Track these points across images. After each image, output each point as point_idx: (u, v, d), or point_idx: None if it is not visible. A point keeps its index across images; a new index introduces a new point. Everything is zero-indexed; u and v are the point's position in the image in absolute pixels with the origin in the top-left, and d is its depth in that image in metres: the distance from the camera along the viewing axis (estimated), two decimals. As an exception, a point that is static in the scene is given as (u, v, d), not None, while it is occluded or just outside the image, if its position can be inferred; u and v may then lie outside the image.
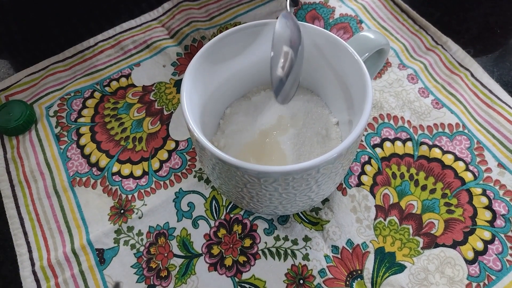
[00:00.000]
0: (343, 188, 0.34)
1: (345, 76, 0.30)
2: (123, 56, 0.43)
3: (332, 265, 0.31)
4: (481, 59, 0.40)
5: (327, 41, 0.30)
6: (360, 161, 0.35)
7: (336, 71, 0.31)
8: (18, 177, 0.36)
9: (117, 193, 0.35)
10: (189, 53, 0.43)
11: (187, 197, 0.34)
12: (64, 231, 0.33)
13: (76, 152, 0.37)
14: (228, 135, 0.32)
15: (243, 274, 0.31)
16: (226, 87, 0.33)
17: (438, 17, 0.44)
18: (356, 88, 0.29)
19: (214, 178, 0.29)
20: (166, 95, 0.40)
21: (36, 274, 0.32)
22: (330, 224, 0.33)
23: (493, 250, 0.31)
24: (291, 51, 0.28)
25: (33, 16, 0.46)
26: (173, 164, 0.36)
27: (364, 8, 0.45)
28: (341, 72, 0.30)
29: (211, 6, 0.46)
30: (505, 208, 0.33)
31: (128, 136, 0.38)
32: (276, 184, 0.25)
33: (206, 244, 0.32)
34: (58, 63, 0.42)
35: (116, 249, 0.32)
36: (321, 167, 0.24)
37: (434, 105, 0.38)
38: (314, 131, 0.32)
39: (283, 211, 0.30)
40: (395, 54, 0.41)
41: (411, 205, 0.33)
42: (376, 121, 0.37)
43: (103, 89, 0.41)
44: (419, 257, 0.31)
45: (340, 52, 0.29)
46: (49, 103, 0.40)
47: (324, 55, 0.31)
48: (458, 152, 0.35)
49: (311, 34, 0.30)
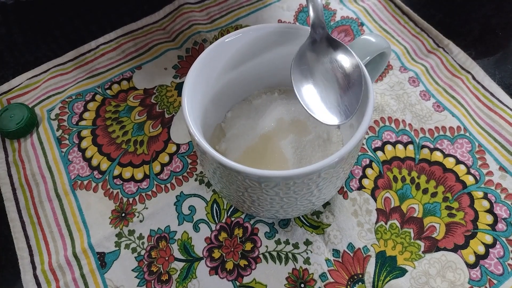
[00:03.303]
0: (344, 191, 0.34)
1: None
2: (125, 59, 0.43)
3: (333, 269, 0.31)
4: (482, 62, 0.40)
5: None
6: (361, 164, 0.35)
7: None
8: (19, 180, 0.36)
9: (118, 197, 0.35)
10: (190, 56, 0.43)
11: (188, 200, 0.34)
12: (65, 235, 0.33)
13: (77, 155, 0.37)
14: (229, 139, 0.32)
15: (244, 278, 0.31)
16: (227, 91, 0.33)
17: (439, 20, 0.43)
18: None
19: (215, 182, 0.29)
20: (167, 98, 0.40)
21: (37, 277, 0.32)
22: (331, 228, 0.33)
23: (495, 254, 0.31)
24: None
25: (34, 18, 0.46)
26: (174, 168, 0.36)
27: (365, 10, 0.45)
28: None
29: (212, 8, 0.46)
30: (506, 212, 0.33)
31: (129, 139, 0.38)
32: (277, 189, 0.25)
33: (207, 248, 0.32)
34: (59, 66, 0.42)
35: (117, 252, 0.32)
36: (323, 171, 0.24)
37: (435, 108, 0.38)
38: (315, 134, 0.32)
39: (284, 215, 0.31)
40: (397, 56, 0.41)
41: (412, 208, 0.33)
42: (377, 124, 0.37)
43: (104, 92, 0.41)
44: (420, 261, 0.31)
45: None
46: (50, 106, 0.40)
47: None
48: (459, 156, 0.35)
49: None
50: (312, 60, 0.28)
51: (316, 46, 0.28)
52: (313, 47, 0.28)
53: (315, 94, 0.27)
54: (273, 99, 0.34)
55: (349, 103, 0.26)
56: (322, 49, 0.28)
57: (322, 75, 0.28)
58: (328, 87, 0.27)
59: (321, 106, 0.27)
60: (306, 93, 0.27)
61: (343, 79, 0.27)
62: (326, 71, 0.28)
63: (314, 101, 0.27)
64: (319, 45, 0.28)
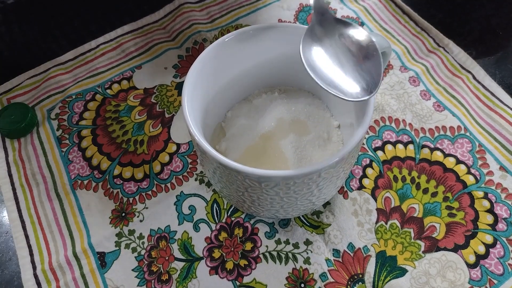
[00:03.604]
0: (344, 191, 0.34)
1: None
2: (125, 58, 0.43)
3: (333, 269, 0.31)
4: (483, 61, 0.40)
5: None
6: (361, 164, 0.35)
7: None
8: (19, 180, 0.36)
9: (118, 196, 0.35)
10: (190, 55, 0.43)
11: (188, 200, 0.34)
12: (65, 234, 0.33)
13: (77, 155, 0.37)
14: (229, 138, 0.32)
15: (244, 278, 0.31)
16: (227, 90, 0.33)
17: (439, 19, 0.43)
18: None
19: (215, 182, 0.29)
20: (168, 98, 0.40)
21: (37, 277, 0.32)
22: (331, 228, 0.33)
23: (495, 254, 0.31)
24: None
25: (34, 18, 0.46)
26: (174, 167, 0.36)
27: (365, 10, 0.45)
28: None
29: (213, 8, 0.46)
30: (507, 212, 0.33)
31: (130, 139, 0.38)
32: (277, 189, 0.25)
33: (207, 248, 0.32)
34: (59, 65, 0.42)
35: (117, 252, 0.32)
36: (323, 171, 0.24)
37: (435, 107, 0.38)
38: (316, 134, 0.32)
39: (284, 215, 0.30)
40: (397, 56, 0.41)
41: (412, 208, 0.33)
42: (378, 124, 0.37)
43: (104, 91, 0.41)
44: (421, 261, 0.31)
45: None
46: (50, 106, 0.40)
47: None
48: (459, 155, 0.35)
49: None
50: (322, 37, 0.26)
51: (324, 25, 0.27)
52: (321, 27, 0.27)
53: (332, 72, 0.25)
54: (273, 99, 0.34)
55: (370, 76, 0.25)
56: (330, 27, 0.27)
57: (335, 51, 0.26)
58: (345, 63, 0.25)
59: (341, 83, 0.25)
60: (322, 72, 0.25)
61: (358, 53, 0.26)
62: (338, 47, 0.26)
63: (332, 80, 0.25)
64: (327, 24, 0.27)
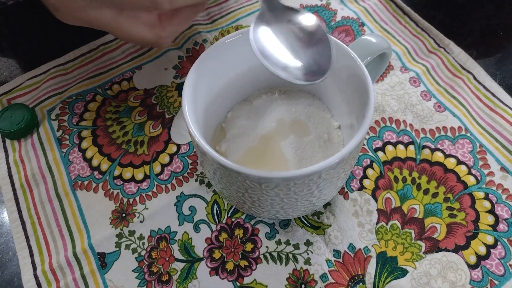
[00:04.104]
0: (345, 192, 0.34)
1: (347, 79, 0.30)
2: (125, 59, 0.43)
3: (334, 269, 0.31)
4: (483, 62, 0.40)
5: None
6: (362, 165, 0.35)
7: (337, 75, 0.31)
8: (20, 180, 0.36)
9: (118, 197, 0.35)
10: (190, 56, 0.43)
11: (188, 201, 0.34)
12: (65, 235, 0.33)
13: (77, 155, 0.37)
14: (229, 139, 0.32)
15: (244, 279, 0.31)
16: (227, 91, 0.33)
17: (440, 20, 0.43)
18: (358, 92, 0.28)
19: (215, 183, 0.29)
20: (168, 99, 0.40)
21: (37, 278, 0.32)
22: (332, 228, 0.33)
23: (496, 255, 0.31)
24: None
25: (35, 19, 0.46)
26: (175, 168, 0.36)
27: (366, 10, 0.45)
28: (343, 76, 0.30)
29: (213, 9, 0.46)
30: (508, 212, 0.32)
31: (130, 140, 0.38)
32: (278, 190, 0.25)
33: (207, 248, 0.32)
34: (59, 66, 0.42)
35: (117, 253, 0.32)
36: (323, 172, 0.24)
37: (436, 108, 0.38)
38: (316, 135, 0.32)
39: (284, 216, 0.30)
40: (397, 57, 0.41)
41: (413, 209, 0.33)
42: (378, 125, 0.37)
43: (104, 92, 0.41)
44: (421, 262, 0.31)
45: (342, 56, 0.29)
46: (50, 107, 0.40)
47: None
48: (460, 156, 0.35)
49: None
50: (272, 24, 0.27)
51: (274, 12, 0.27)
52: (270, 13, 0.27)
53: (283, 57, 0.26)
54: (273, 100, 0.34)
55: (322, 60, 0.25)
56: (279, 13, 0.27)
57: (285, 37, 0.26)
58: (295, 48, 0.26)
59: (293, 68, 0.25)
60: (273, 58, 0.25)
61: (308, 38, 0.26)
62: (288, 32, 0.27)
63: (284, 64, 0.25)
64: (276, 11, 0.27)
